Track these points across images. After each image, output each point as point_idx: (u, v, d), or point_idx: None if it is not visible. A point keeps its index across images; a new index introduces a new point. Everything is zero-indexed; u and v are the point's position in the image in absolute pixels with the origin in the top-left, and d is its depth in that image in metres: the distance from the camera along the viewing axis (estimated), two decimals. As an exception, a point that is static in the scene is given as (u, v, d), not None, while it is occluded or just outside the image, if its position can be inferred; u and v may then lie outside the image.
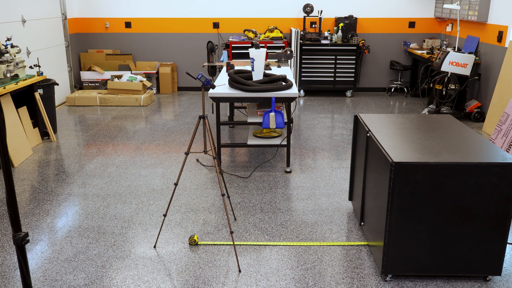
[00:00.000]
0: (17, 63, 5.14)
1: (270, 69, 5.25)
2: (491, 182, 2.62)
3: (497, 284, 2.86)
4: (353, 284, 2.87)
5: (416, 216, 2.71)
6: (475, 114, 6.36)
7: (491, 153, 2.77)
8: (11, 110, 4.95)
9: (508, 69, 5.61)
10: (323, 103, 7.53)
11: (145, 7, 8.04)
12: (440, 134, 3.12)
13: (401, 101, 7.72)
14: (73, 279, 2.91)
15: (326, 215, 3.75)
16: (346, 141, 5.59)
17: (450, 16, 7.15)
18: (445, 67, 6.01)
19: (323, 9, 7.87)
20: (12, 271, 2.99)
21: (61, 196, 4.11)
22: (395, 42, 8.11)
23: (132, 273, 2.97)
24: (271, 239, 3.37)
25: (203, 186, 4.29)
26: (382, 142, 2.93)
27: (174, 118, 6.64)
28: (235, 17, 8.04)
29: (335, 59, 7.68)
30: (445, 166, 2.62)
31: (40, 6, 6.77)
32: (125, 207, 3.88)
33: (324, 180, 4.44)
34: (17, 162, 4.83)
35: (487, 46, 6.30)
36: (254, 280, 2.89)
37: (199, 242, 3.32)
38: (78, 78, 8.05)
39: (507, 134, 5.10)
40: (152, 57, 8.30)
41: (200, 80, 3.13)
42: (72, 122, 6.47)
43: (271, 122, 4.35)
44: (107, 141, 5.62)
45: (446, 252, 2.77)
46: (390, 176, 2.63)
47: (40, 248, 3.27)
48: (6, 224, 3.59)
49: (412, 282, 2.88)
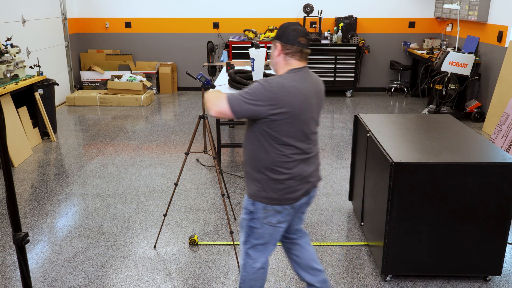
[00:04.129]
0: (17, 63, 5.14)
1: (270, 69, 5.25)
2: (491, 182, 2.62)
3: (497, 284, 2.86)
4: (353, 284, 2.87)
5: (416, 216, 2.71)
6: (475, 114, 6.36)
7: (491, 153, 2.77)
8: (11, 110, 4.95)
9: (508, 69, 5.61)
10: (323, 103, 7.52)
11: (145, 7, 8.04)
12: (440, 134, 3.12)
13: (401, 101, 7.72)
14: (73, 279, 2.91)
15: (326, 215, 3.75)
16: (346, 141, 5.59)
17: (450, 16, 7.15)
18: (445, 67, 6.01)
19: (323, 9, 7.87)
20: (12, 271, 2.99)
21: (61, 196, 4.11)
22: (395, 42, 8.11)
23: (132, 273, 2.97)
24: (271, 239, 3.37)
25: (203, 186, 4.29)
26: (382, 142, 2.93)
27: (174, 118, 6.64)
28: (235, 17, 8.04)
29: (335, 59, 7.68)
30: (445, 166, 2.62)
31: (40, 6, 6.77)
32: (125, 207, 3.88)
33: (324, 180, 4.44)
34: (17, 162, 4.83)
35: (487, 46, 6.30)
36: (254, 280, 2.89)
37: (199, 242, 3.32)
38: (78, 78, 8.05)
39: (507, 134, 5.10)
40: (152, 57, 8.30)
41: (200, 80, 3.13)
42: (72, 122, 6.47)
43: (271, 122, 4.34)
44: (107, 141, 5.62)
45: (446, 252, 2.77)
46: (390, 176, 2.63)
47: (40, 248, 3.27)
48: (6, 224, 3.59)
49: (412, 282, 2.88)
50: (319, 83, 2.23)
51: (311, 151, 2.22)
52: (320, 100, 2.23)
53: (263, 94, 2.03)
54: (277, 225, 2.24)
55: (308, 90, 2.12)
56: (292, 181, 2.17)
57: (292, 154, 2.14)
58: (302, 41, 2.12)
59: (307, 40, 2.15)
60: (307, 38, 2.15)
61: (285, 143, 2.11)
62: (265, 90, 2.03)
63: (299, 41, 2.11)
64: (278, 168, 2.14)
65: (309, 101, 2.12)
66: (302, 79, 2.12)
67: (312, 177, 2.25)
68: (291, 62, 2.14)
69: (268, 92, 2.03)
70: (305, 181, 2.21)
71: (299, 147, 2.15)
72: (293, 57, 2.14)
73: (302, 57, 2.15)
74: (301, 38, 2.11)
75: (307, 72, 2.18)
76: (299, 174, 2.18)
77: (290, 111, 2.05)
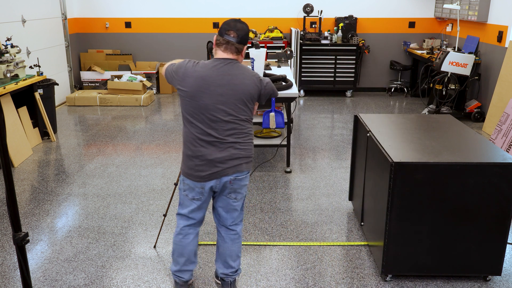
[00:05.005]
0: (17, 63, 5.14)
1: (270, 69, 5.25)
2: (491, 182, 2.62)
3: (497, 284, 2.86)
4: (353, 284, 2.87)
5: (416, 216, 2.71)
6: (475, 114, 6.36)
7: (491, 153, 2.77)
8: (11, 110, 4.95)
9: (508, 69, 5.61)
10: (323, 103, 7.53)
11: (145, 7, 8.04)
12: (440, 134, 3.12)
13: (401, 101, 7.72)
14: (73, 279, 2.91)
15: (326, 215, 3.75)
16: (346, 141, 5.59)
17: (450, 16, 7.15)
18: (445, 67, 6.01)
19: (323, 9, 7.87)
20: (12, 271, 2.99)
21: (61, 196, 4.11)
22: (395, 42, 8.11)
23: (132, 273, 2.97)
24: (271, 239, 3.37)
25: (203, 186, 4.29)
26: (382, 142, 2.93)
27: (174, 118, 6.64)
28: (235, 17, 8.04)
29: (335, 59, 7.68)
30: (445, 166, 2.62)
31: (40, 6, 6.77)
32: (125, 207, 3.88)
33: (324, 180, 4.44)
34: (17, 162, 4.83)
35: (487, 46, 6.30)
36: (254, 280, 2.89)
37: (199, 242, 3.32)
38: (78, 78, 8.05)
39: (507, 134, 5.10)
40: (152, 57, 8.30)
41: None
42: (72, 122, 6.47)
43: (271, 122, 4.35)
44: (107, 141, 5.62)
45: (446, 252, 2.77)
46: (390, 176, 2.63)
47: (40, 248, 3.27)
48: (6, 224, 3.59)
49: (412, 282, 2.88)
50: (238, 78, 2.34)
51: (221, 138, 2.38)
52: (233, 93, 2.34)
53: (181, 69, 2.37)
54: (193, 201, 2.50)
55: (213, 80, 2.32)
56: (197, 160, 2.39)
57: (197, 133, 2.37)
58: (231, 34, 2.32)
59: (237, 34, 2.32)
60: (237, 32, 2.32)
61: (189, 120, 2.38)
62: (184, 67, 2.37)
63: (227, 33, 2.32)
64: (187, 143, 2.42)
65: (211, 89, 2.31)
66: (214, 68, 2.33)
67: (221, 164, 2.40)
68: (217, 52, 2.40)
69: (183, 69, 2.36)
70: (212, 165, 2.39)
71: (203, 129, 2.35)
72: (219, 48, 2.38)
73: (227, 49, 2.35)
74: (231, 31, 2.32)
75: (228, 64, 2.34)
76: (203, 155, 2.38)
77: (188, 91, 2.33)
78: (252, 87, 2.40)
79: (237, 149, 2.42)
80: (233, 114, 2.37)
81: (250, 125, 2.50)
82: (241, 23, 2.39)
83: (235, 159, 2.42)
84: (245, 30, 2.39)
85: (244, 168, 2.47)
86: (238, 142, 2.42)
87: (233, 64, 2.38)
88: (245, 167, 2.48)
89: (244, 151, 2.45)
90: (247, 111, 2.43)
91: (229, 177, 2.44)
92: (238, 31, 2.34)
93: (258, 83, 2.43)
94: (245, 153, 2.45)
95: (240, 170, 2.45)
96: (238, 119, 2.40)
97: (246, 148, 2.46)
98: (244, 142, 2.44)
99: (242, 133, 2.43)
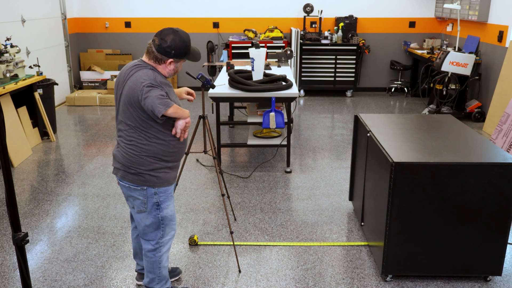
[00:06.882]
0: (16, 63, 5.13)
1: (270, 69, 5.24)
2: (491, 182, 2.62)
3: (497, 284, 2.86)
4: (353, 284, 2.86)
5: (416, 216, 2.70)
6: (475, 114, 6.35)
7: (492, 153, 2.77)
8: (10, 110, 4.95)
9: (508, 69, 5.61)
10: (323, 103, 7.52)
11: (145, 7, 8.04)
12: (440, 134, 3.12)
13: (401, 101, 7.71)
14: (73, 279, 2.90)
15: (326, 215, 3.75)
16: (346, 141, 5.58)
17: (451, 16, 7.14)
18: (446, 67, 6.01)
19: (323, 9, 7.86)
20: (12, 271, 2.99)
21: (60, 196, 4.11)
22: (396, 42, 8.10)
23: (132, 273, 2.96)
24: (271, 239, 3.37)
25: (203, 186, 4.29)
26: (382, 142, 2.93)
27: (174, 118, 6.62)
28: (235, 17, 8.04)
29: (335, 59, 7.67)
30: (445, 166, 2.61)
31: (40, 6, 6.77)
32: (125, 207, 3.87)
33: (324, 180, 4.44)
34: (16, 162, 4.82)
35: (488, 46, 6.30)
36: (254, 280, 2.89)
37: (199, 242, 3.32)
38: (77, 78, 8.04)
39: (507, 134, 5.09)
40: (152, 57, 8.28)
41: (200, 80, 3.13)
42: (72, 122, 6.47)
43: (271, 122, 4.35)
44: (107, 141, 5.61)
45: (446, 252, 2.77)
46: (390, 176, 2.63)
47: (40, 248, 3.26)
48: (6, 224, 3.58)
49: (412, 282, 2.88)
50: (131, 79, 2.33)
51: (118, 135, 2.44)
52: (127, 94, 2.33)
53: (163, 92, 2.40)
54: None
55: (119, 80, 2.41)
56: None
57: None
58: (154, 39, 2.36)
59: (157, 40, 2.34)
60: (157, 37, 2.35)
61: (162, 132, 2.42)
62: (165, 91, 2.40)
63: (153, 39, 2.38)
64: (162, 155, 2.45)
65: (116, 89, 2.42)
66: (125, 69, 2.40)
67: (113, 160, 2.49)
68: None
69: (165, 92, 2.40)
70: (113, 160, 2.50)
71: (116, 125, 2.45)
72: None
73: (147, 53, 2.39)
74: (155, 37, 2.37)
75: (136, 66, 2.37)
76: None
77: None
78: None
79: (121, 147, 2.42)
80: (124, 117, 2.41)
81: None
82: (169, 29, 2.39)
83: (116, 158, 2.45)
84: (164, 34, 2.37)
85: (122, 175, 2.42)
86: (125, 142, 2.41)
87: (141, 65, 2.39)
88: (123, 175, 2.42)
89: (122, 149, 2.42)
90: None
91: (118, 177, 2.46)
92: (158, 36, 2.36)
93: None
94: (122, 153, 2.41)
95: (117, 171, 2.45)
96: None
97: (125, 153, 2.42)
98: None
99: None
